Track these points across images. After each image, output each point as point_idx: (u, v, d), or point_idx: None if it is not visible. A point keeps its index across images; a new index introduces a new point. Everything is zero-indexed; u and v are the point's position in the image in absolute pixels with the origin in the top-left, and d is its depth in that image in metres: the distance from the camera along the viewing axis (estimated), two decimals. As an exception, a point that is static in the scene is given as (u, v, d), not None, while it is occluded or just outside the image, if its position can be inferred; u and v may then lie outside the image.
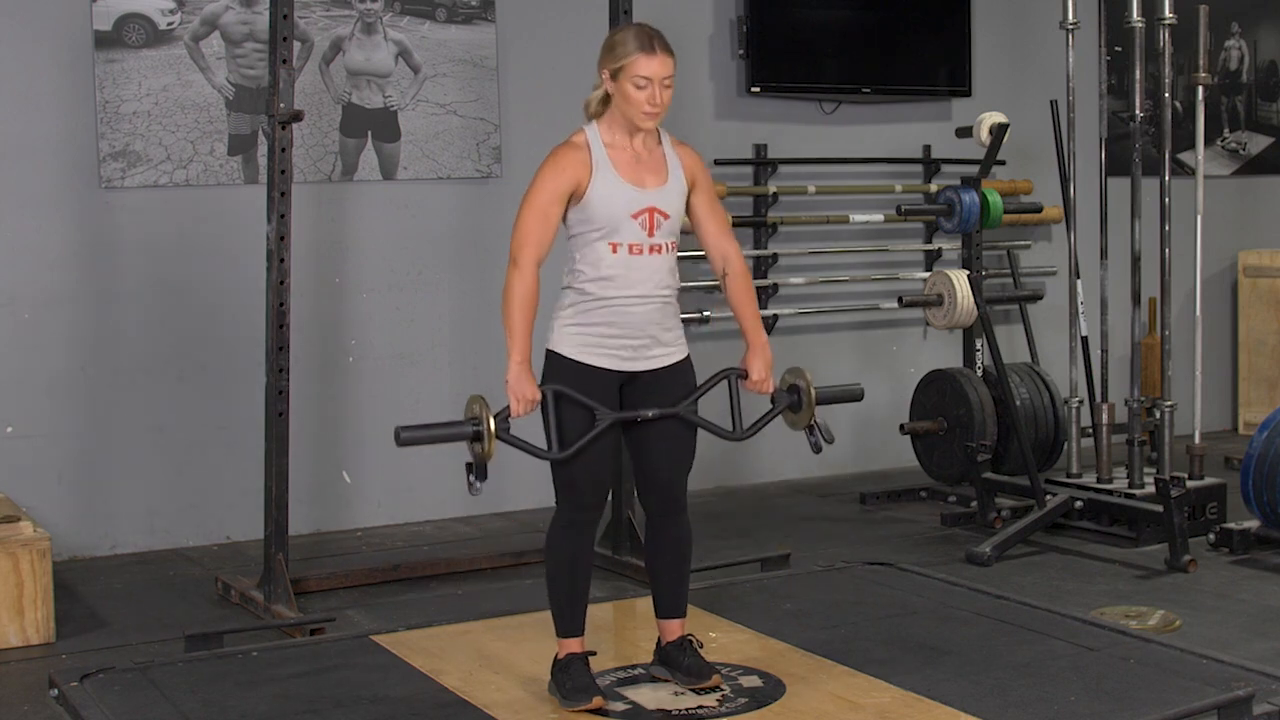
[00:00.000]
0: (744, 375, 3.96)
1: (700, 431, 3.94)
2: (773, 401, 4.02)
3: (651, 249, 3.79)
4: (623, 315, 3.79)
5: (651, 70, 3.73)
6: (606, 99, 3.83)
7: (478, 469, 3.72)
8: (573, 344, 3.80)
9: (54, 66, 5.90)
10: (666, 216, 3.81)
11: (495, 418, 3.70)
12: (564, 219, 3.83)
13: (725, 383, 3.96)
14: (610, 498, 5.55)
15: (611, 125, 3.84)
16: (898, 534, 6.20)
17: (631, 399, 3.87)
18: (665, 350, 3.87)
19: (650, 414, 3.83)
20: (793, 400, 4.01)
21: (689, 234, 4.06)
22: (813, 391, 3.99)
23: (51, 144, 5.91)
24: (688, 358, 3.94)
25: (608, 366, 3.80)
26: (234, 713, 3.86)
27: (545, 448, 3.78)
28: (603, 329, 3.79)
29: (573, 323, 3.80)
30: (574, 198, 3.77)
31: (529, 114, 6.71)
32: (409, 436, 3.72)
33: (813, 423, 4.01)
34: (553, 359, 3.82)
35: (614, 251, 3.77)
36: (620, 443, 3.95)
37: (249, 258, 5.98)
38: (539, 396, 3.73)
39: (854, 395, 4.22)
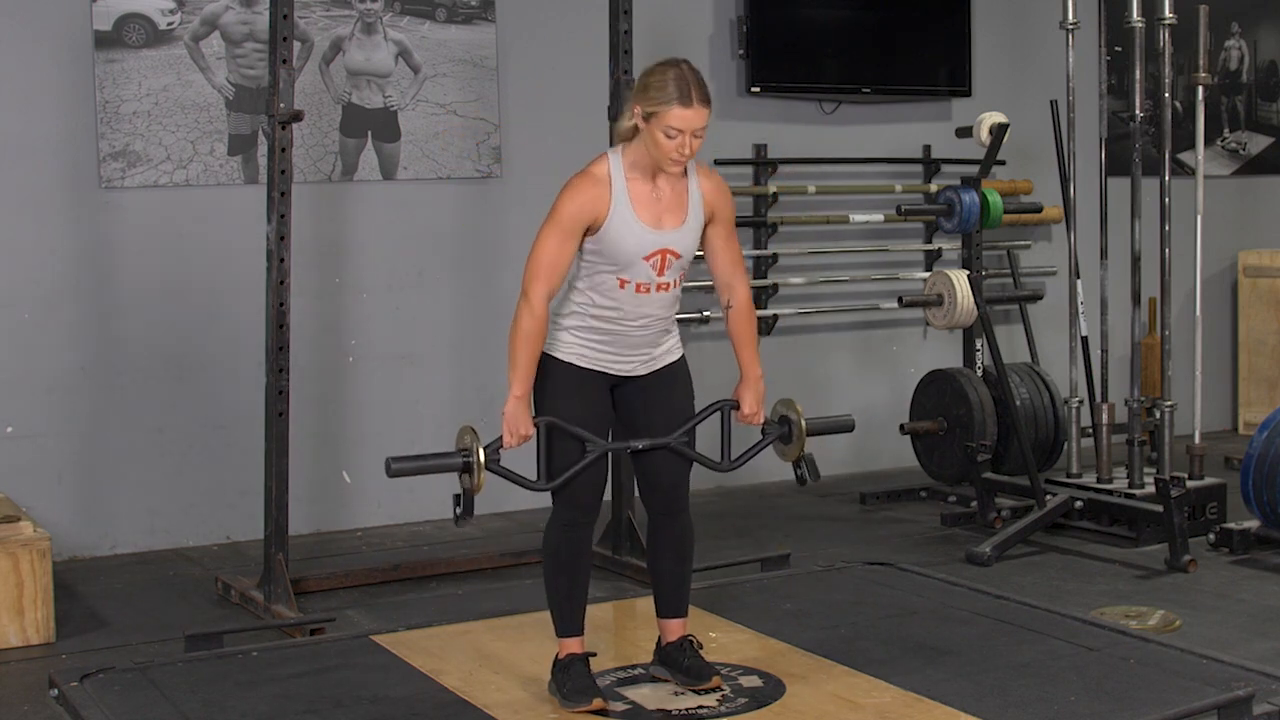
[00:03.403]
0: (736, 406, 3.98)
1: (699, 431, 3.95)
2: (763, 433, 4.04)
3: (659, 286, 3.80)
4: (620, 339, 3.82)
5: (685, 122, 3.64)
6: (636, 128, 3.74)
7: (465, 502, 3.72)
8: (567, 350, 3.81)
9: (54, 66, 5.90)
10: (678, 256, 3.80)
11: (486, 449, 3.70)
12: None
13: (718, 413, 3.98)
14: (610, 498, 5.55)
15: (636, 157, 3.75)
16: (898, 534, 6.20)
17: (624, 398, 3.89)
18: (660, 354, 3.89)
19: (640, 445, 3.86)
20: (783, 432, 4.03)
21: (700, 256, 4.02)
22: (803, 424, 3.99)
23: (51, 144, 5.91)
24: (682, 358, 3.95)
25: (601, 370, 3.84)
26: (234, 713, 3.86)
27: (535, 477, 3.79)
28: (599, 346, 3.82)
29: (569, 333, 3.81)
30: (590, 229, 3.75)
31: (529, 114, 6.71)
32: (400, 468, 3.72)
33: (801, 456, 4.02)
34: (544, 359, 3.82)
35: (621, 287, 3.77)
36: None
37: (249, 258, 5.97)
38: (533, 432, 3.75)
39: (845, 427, 4.23)
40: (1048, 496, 6.07)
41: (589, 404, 3.82)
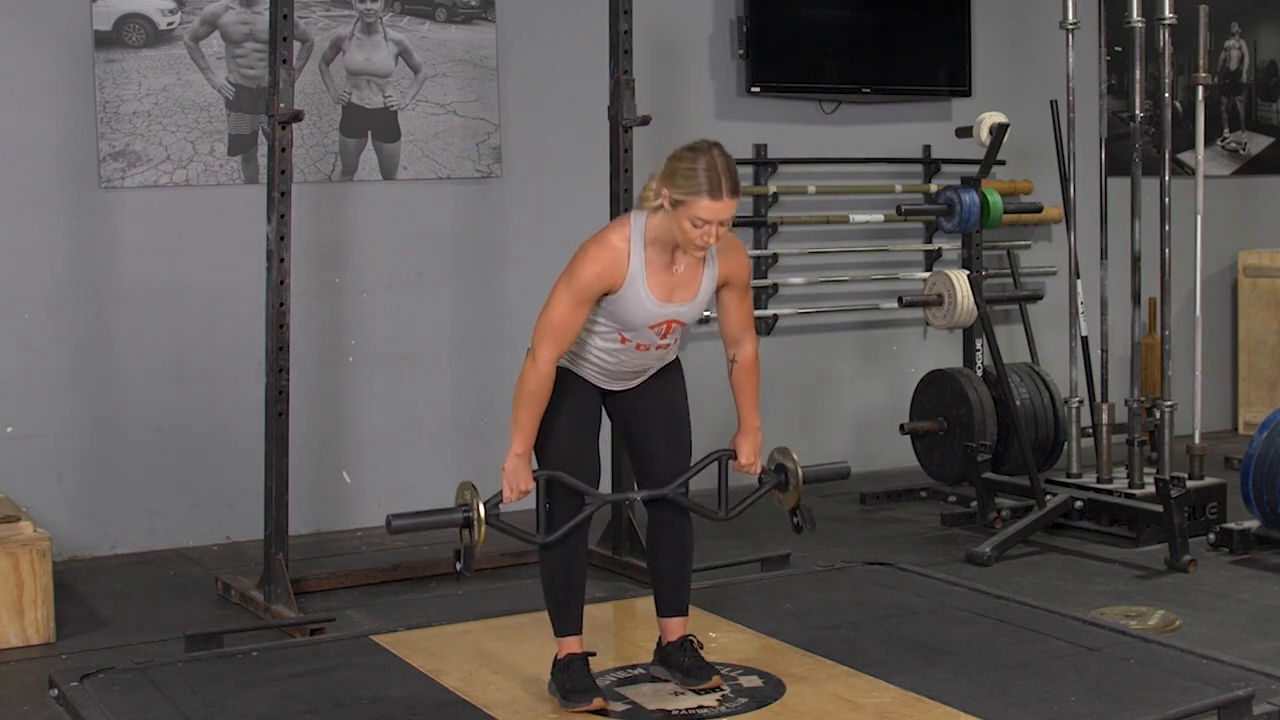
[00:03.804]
0: (733, 456, 3.99)
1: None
2: (760, 482, 4.06)
3: (659, 346, 3.84)
4: (610, 370, 3.86)
5: (713, 214, 3.58)
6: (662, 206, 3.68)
7: (465, 557, 3.73)
8: (563, 362, 3.83)
9: (54, 66, 5.90)
10: (684, 324, 3.83)
11: (486, 504, 3.72)
12: None
13: (716, 463, 4.00)
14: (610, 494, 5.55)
15: (659, 233, 3.69)
16: (898, 534, 6.20)
17: (615, 400, 3.92)
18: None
19: (638, 497, 3.92)
20: (779, 480, 4.04)
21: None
22: (800, 473, 4.00)
23: (51, 144, 5.91)
24: (675, 359, 3.97)
25: (596, 384, 3.88)
26: (234, 713, 3.87)
27: (534, 531, 3.82)
28: (589, 371, 3.86)
29: (567, 354, 3.82)
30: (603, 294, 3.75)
31: (529, 114, 6.71)
32: (400, 525, 3.72)
33: (798, 505, 4.03)
34: None
35: (622, 342, 3.79)
36: (598, 440, 3.95)
37: (249, 258, 5.98)
38: (532, 487, 3.77)
39: (840, 474, 4.22)
40: (1048, 496, 6.06)
41: (579, 401, 3.84)
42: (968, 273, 6.60)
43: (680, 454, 3.95)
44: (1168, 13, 6.04)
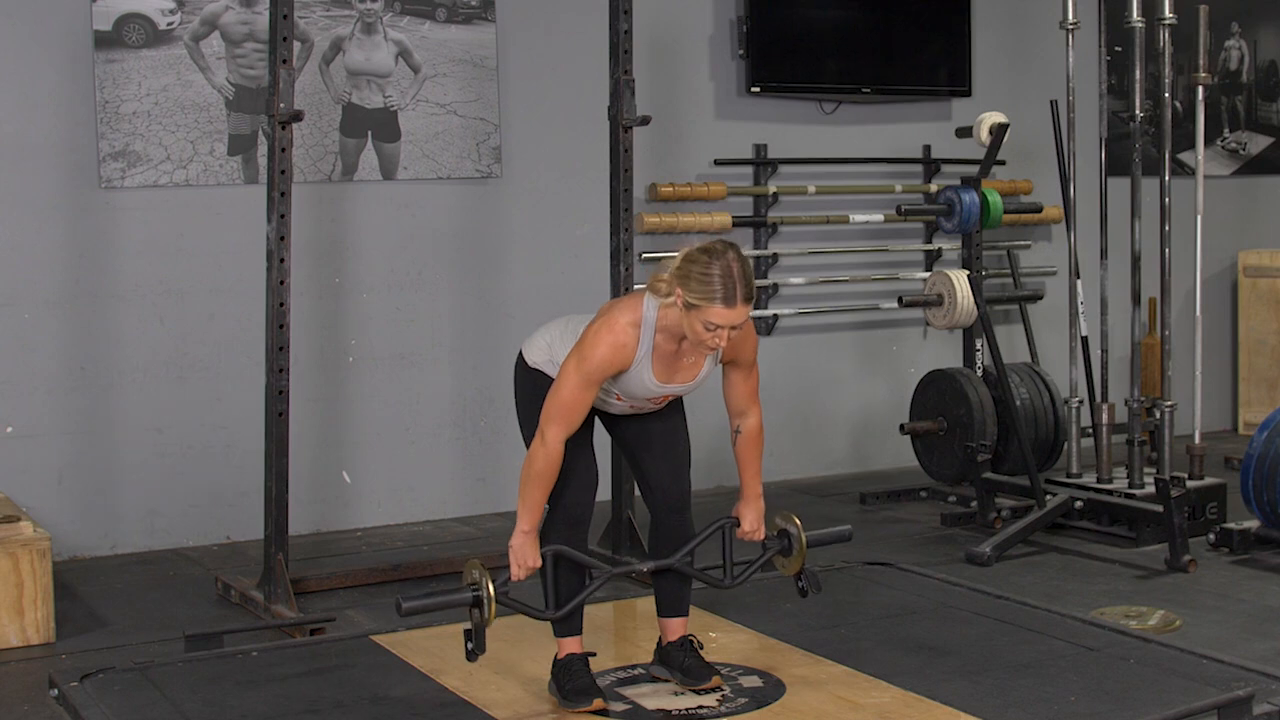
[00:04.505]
0: (736, 524, 4.01)
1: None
2: (764, 548, 4.07)
3: (651, 412, 3.91)
4: (608, 414, 3.92)
5: (726, 320, 3.59)
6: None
7: (477, 638, 3.73)
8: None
9: (54, 66, 5.90)
10: (680, 396, 3.89)
11: (495, 584, 3.72)
12: None
13: (720, 531, 4.02)
14: (610, 498, 5.55)
15: (669, 321, 3.69)
16: (898, 534, 6.20)
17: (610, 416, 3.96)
18: None
19: (645, 568, 3.95)
20: (783, 545, 4.06)
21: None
22: (803, 538, 4.01)
23: (51, 144, 5.91)
24: None
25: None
26: (234, 713, 3.87)
27: (541, 607, 3.83)
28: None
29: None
30: None
31: (529, 114, 6.71)
32: (411, 607, 3.70)
33: (803, 570, 4.04)
34: (536, 376, 3.86)
35: (619, 400, 3.84)
36: (592, 446, 3.94)
37: (249, 258, 5.98)
38: (539, 564, 3.78)
39: (843, 538, 4.24)
40: (1048, 496, 6.06)
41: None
42: (968, 273, 6.60)
43: (678, 457, 3.95)
44: (1168, 13, 6.03)
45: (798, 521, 4.04)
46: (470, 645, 3.73)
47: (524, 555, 3.75)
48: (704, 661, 3.99)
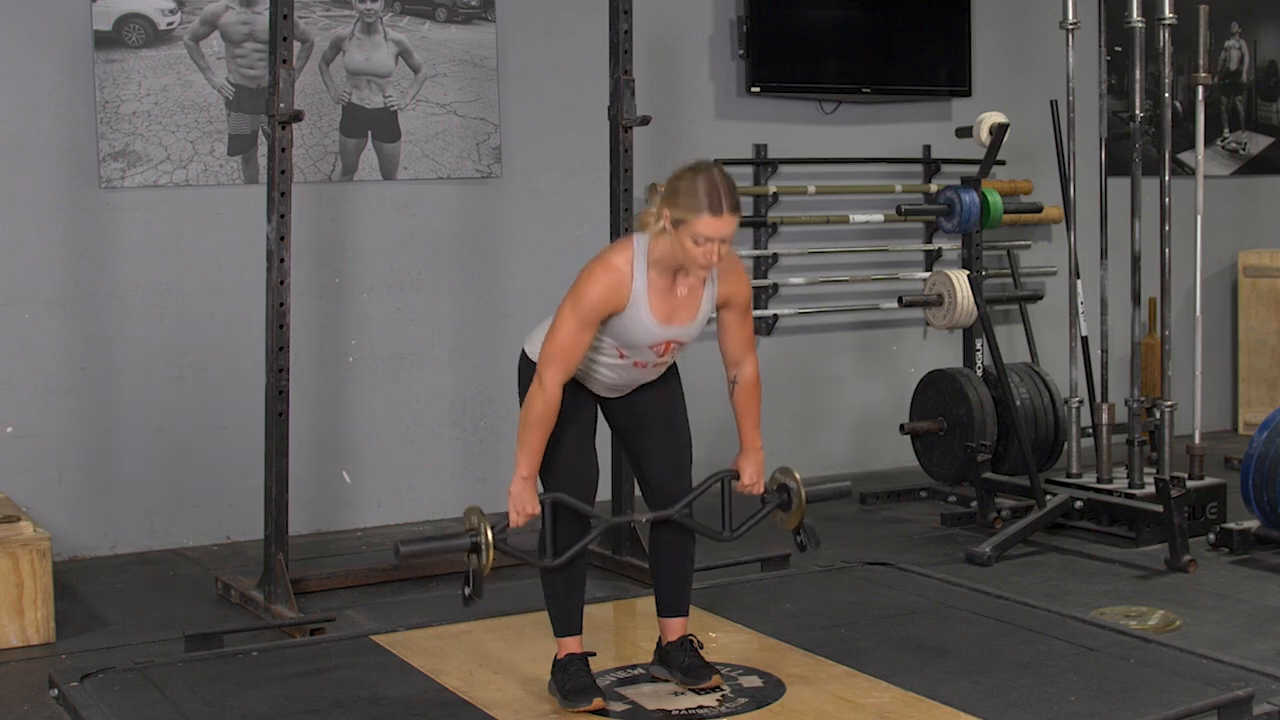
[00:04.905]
0: (736, 477, 4.00)
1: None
2: (763, 501, 4.06)
3: (656, 365, 3.86)
4: (612, 387, 3.89)
5: (715, 230, 3.60)
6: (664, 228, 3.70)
7: (474, 583, 3.72)
8: None
9: (54, 66, 5.90)
10: (683, 344, 3.85)
11: (494, 530, 3.71)
12: None
13: (719, 483, 4.01)
14: (610, 498, 5.56)
15: (661, 255, 3.71)
16: (898, 534, 6.20)
17: (611, 404, 3.94)
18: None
19: (644, 519, 3.92)
20: (782, 500, 4.05)
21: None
22: (803, 493, 4.01)
23: (51, 144, 5.91)
24: (672, 364, 3.96)
25: (590, 390, 3.89)
26: (234, 713, 3.87)
27: (540, 553, 3.82)
28: (588, 380, 3.87)
29: None
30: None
31: (529, 114, 6.71)
32: (409, 551, 3.70)
33: (801, 524, 4.04)
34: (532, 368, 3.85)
35: (620, 357, 3.81)
36: (594, 443, 3.95)
37: (249, 258, 5.98)
38: (539, 510, 3.77)
39: (841, 494, 4.26)
40: (1048, 496, 6.06)
41: (577, 409, 3.84)
42: (968, 273, 6.60)
43: (678, 457, 3.95)
44: (1168, 13, 6.03)
45: (797, 476, 4.03)
46: (468, 590, 3.71)
47: (523, 502, 3.73)
48: (704, 661, 3.99)
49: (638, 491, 4.18)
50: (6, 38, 5.84)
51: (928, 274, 7.03)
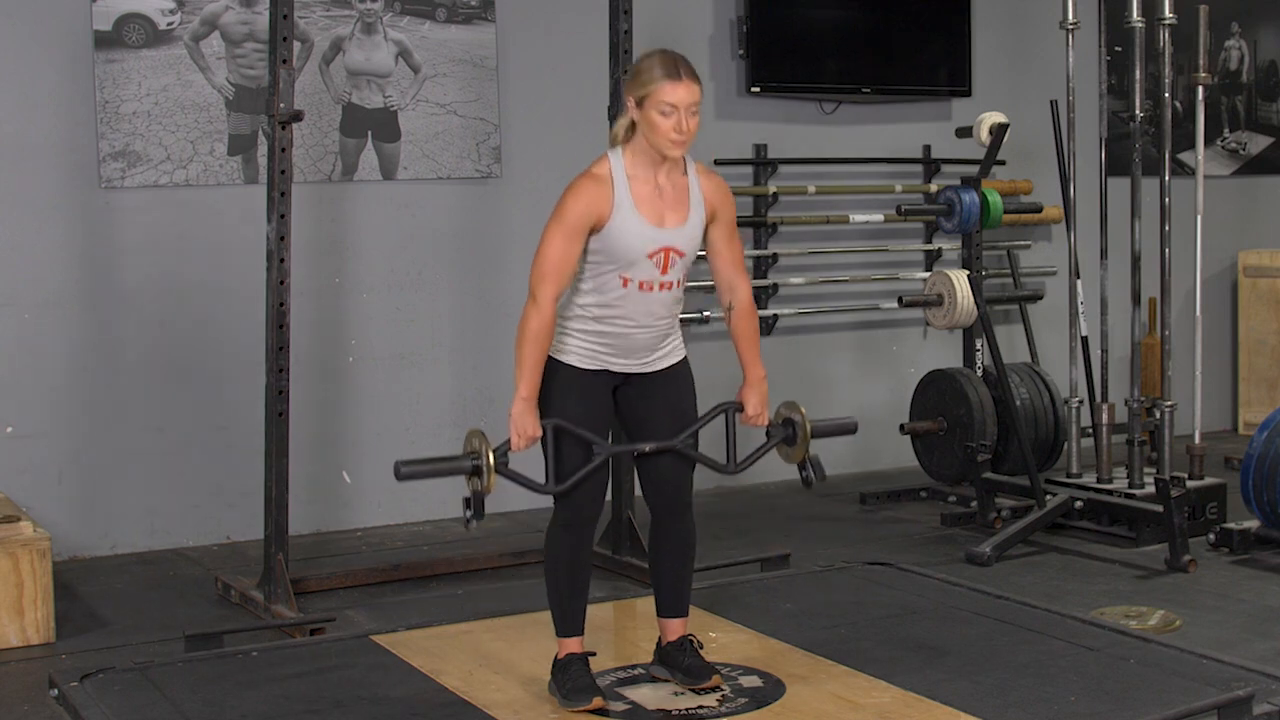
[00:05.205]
0: (740, 409, 3.97)
1: (702, 434, 3.95)
2: (768, 435, 4.04)
3: (661, 285, 3.80)
4: (621, 340, 3.81)
5: (677, 97, 3.67)
6: (633, 126, 3.77)
7: (475, 505, 3.71)
8: (569, 353, 3.81)
9: (54, 66, 5.90)
10: (682, 255, 3.81)
11: (494, 452, 3.69)
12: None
13: (722, 416, 3.97)
14: (610, 498, 5.55)
15: (636, 155, 3.78)
16: (898, 534, 6.20)
17: (627, 399, 3.88)
18: (663, 356, 3.88)
19: (647, 448, 3.86)
20: (787, 434, 4.03)
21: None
22: (808, 426, 3.99)
23: (51, 144, 5.91)
24: (684, 359, 3.95)
25: (603, 369, 3.83)
26: (234, 713, 3.86)
27: (543, 480, 3.79)
28: (600, 347, 3.82)
29: (571, 335, 3.81)
30: (594, 228, 3.75)
31: (529, 114, 6.71)
32: (408, 471, 3.70)
33: (806, 458, 4.02)
34: (547, 361, 3.81)
35: (624, 285, 3.77)
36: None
37: (249, 258, 5.97)
38: (540, 433, 3.74)
39: (848, 429, 4.23)
40: (1048, 496, 6.06)
41: (590, 406, 3.82)
42: (968, 273, 6.60)
43: (688, 460, 3.92)
44: (1168, 13, 6.03)
45: (802, 410, 3.99)
46: (469, 513, 3.69)
47: (523, 424, 3.71)
48: (704, 661, 3.99)
49: (638, 492, 4.16)
50: (6, 38, 5.84)
51: (928, 274, 7.03)
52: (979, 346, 6.79)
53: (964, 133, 6.65)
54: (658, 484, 3.93)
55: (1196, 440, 6.16)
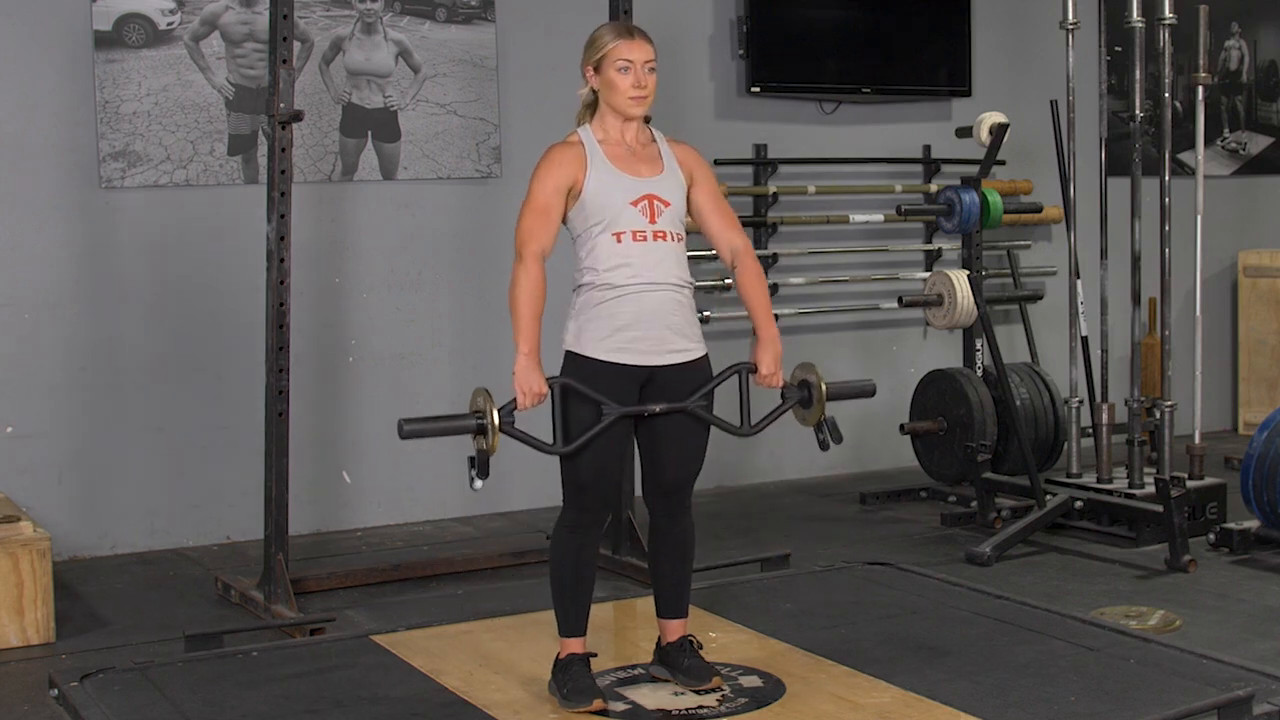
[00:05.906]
0: (754, 369, 3.89)
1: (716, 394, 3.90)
2: (783, 397, 3.96)
3: (655, 235, 3.77)
4: (634, 304, 3.74)
5: (633, 54, 3.82)
6: (594, 102, 3.89)
7: (480, 465, 3.65)
8: (590, 342, 3.75)
9: (54, 66, 5.90)
10: (667, 204, 3.80)
11: (500, 411, 3.64)
12: (565, 220, 3.83)
13: (735, 377, 3.90)
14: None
15: (603, 122, 3.89)
16: (898, 534, 6.20)
17: (651, 397, 3.81)
18: (684, 345, 3.82)
19: (658, 409, 3.77)
20: (802, 396, 3.93)
21: (698, 234, 4.04)
22: (823, 387, 3.89)
23: (51, 144, 5.91)
24: (706, 356, 3.89)
25: (628, 362, 3.75)
26: (234, 713, 3.87)
27: (550, 442, 3.73)
28: (617, 322, 3.74)
29: (587, 319, 3.76)
30: (572, 195, 3.78)
31: (529, 114, 6.71)
32: (412, 429, 3.67)
33: (822, 420, 3.91)
34: (572, 359, 3.78)
35: (618, 241, 3.75)
36: (630, 444, 3.92)
37: (249, 258, 5.98)
38: (546, 390, 3.68)
39: (866, 391, 4.09)
40: (1048, 496, 6.06)
41: (609, 399, 3.74)
42: (968, 273, 6.60)
43: (695, 461, 3.89)
44: (1168, 13, 6.03)
45: (819, 372, 3.92)
46: (474, 472, 3.64)
47: (528, 380, 3.66)
48: (704, 662, 3.98)
49: (639, 492, 4.15)
50: (6, 38, 5.84)
51: (928, 274, 7.03)
52: (979, 346, 6.79)
53: (964, 133, 6.65)
54: (660, 485, 3.91)
55: (1196, 440, 6.16)
